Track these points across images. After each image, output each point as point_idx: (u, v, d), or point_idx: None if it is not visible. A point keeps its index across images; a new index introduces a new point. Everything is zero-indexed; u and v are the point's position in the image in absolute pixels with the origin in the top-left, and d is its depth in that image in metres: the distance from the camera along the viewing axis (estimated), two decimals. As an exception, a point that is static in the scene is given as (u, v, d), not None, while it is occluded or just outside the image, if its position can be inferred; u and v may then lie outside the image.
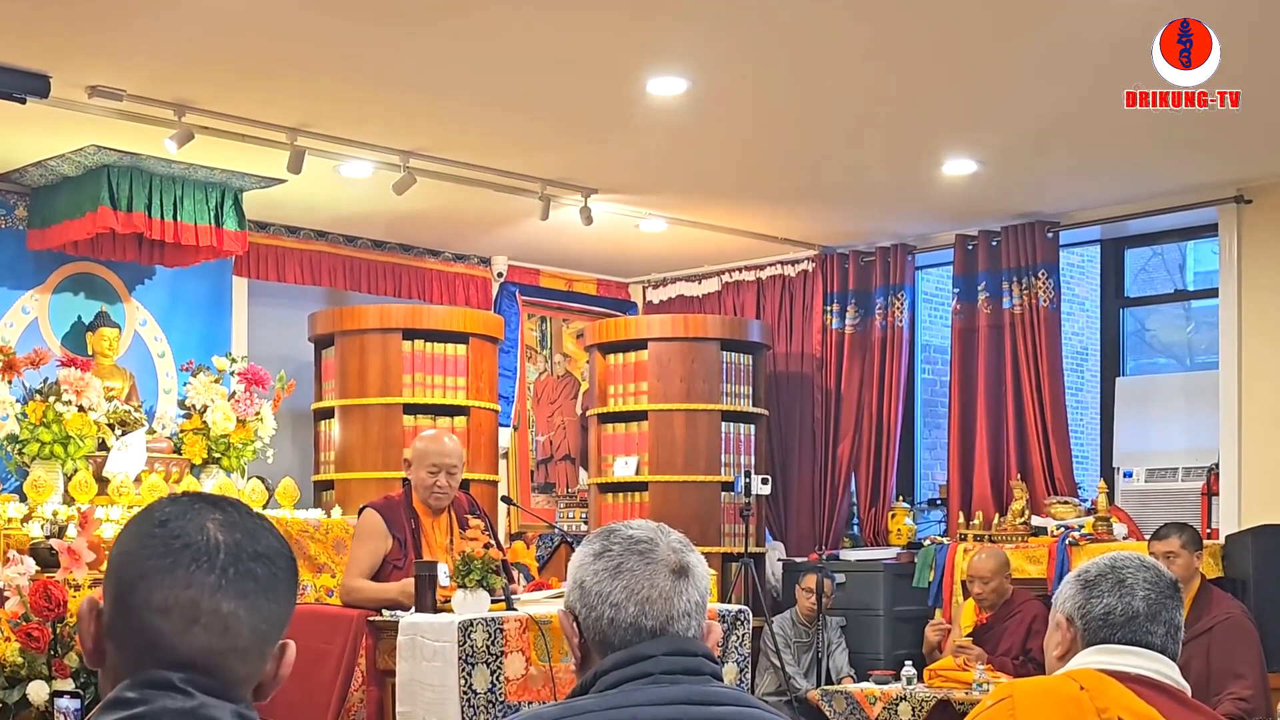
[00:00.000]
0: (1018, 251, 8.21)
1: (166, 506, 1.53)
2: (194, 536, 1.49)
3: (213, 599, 1.47)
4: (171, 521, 1.50)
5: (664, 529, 2.00)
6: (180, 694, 1.43)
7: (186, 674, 1.45)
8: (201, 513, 1.52)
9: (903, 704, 6.48)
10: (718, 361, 8.58)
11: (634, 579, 1.92)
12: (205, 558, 1.48)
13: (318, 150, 6.70)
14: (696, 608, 1.95)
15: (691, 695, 1.86)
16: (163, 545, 1.48)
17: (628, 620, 1.91)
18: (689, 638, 1.93)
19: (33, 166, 7.00)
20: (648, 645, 1.89)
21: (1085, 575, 2.50)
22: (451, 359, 8.23)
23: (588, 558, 1.97)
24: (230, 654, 1.48)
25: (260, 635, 1.51)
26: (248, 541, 1.51)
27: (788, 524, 9.14)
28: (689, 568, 1.96)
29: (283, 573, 1.55)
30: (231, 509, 1.55)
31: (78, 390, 7.02)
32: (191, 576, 1.47)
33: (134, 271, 7.84)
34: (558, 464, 9.71)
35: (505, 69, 5.77)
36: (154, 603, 1.46)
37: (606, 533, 1.99)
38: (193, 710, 1.43)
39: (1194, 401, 7.86)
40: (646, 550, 1.94)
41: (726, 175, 7.44)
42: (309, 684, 5.50)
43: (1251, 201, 7.47)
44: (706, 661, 1.92)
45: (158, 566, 1.47)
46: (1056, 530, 7.59)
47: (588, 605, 1.94)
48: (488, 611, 5.06)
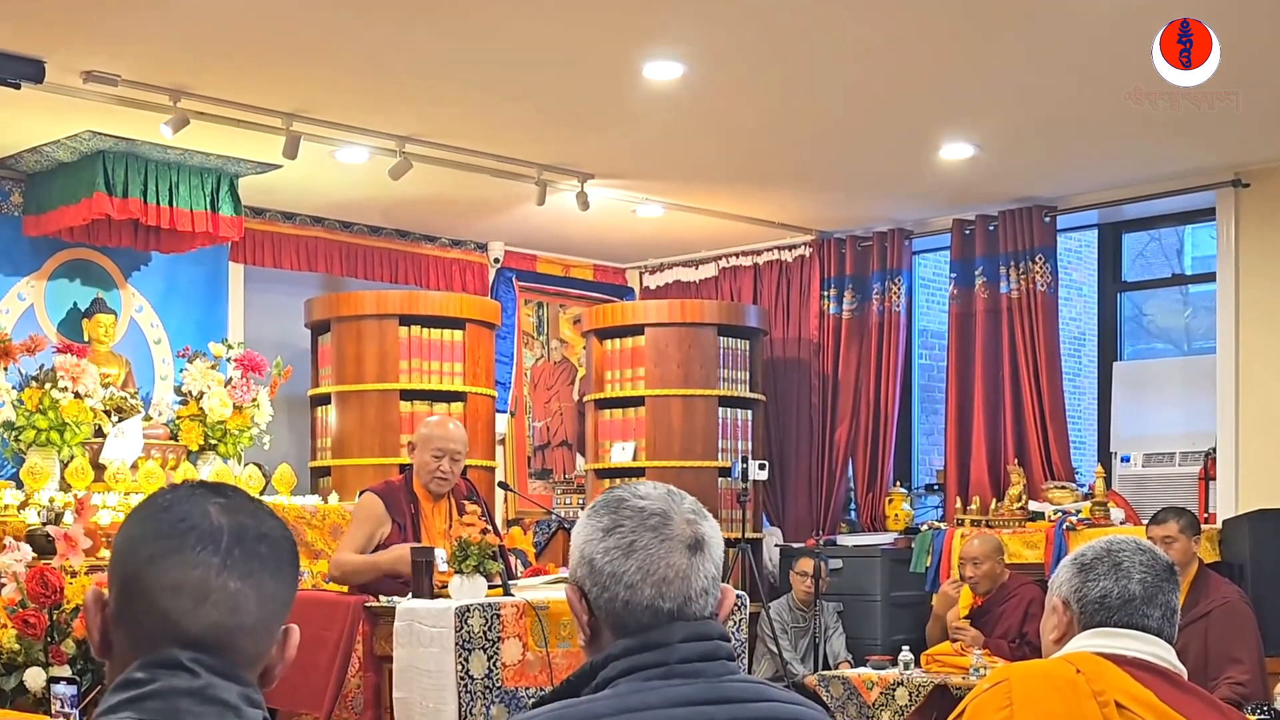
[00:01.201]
0: (1015, 236, 8.20)
1: (169, 493, 1.56)
2: (198, 520, 1.52)
3: (220, 578, 1.49)
4: (175, 506, 1.53)
5: (675, 494, 1.88)
6: (188, 673, 1.45)
7: (195, 653, 1.47)
8: (204, 498, 1.55)
9: (900, 689, 6.49)
10: (715, 347, 8.57)
11: (649, 558, 1.80)
12: (210, 539, 1.50)
13: (313, 135, 6.69)
14: (713, 582, 1.85)
15: (707, 694, 1.78)
16: (169, 528, 1.51)
17: (644, 602, 1.80)
18: (705, 618, 1.84)
19: (28, 152, 6.98)
20: (663, 631, 1.80)
21: (1081, 559, 2.49)
22: (448, 345, 8.23)
23: (596, 532, 1.84)
24: (239, 631, 1.50)
25: (267, 614, 1.53)
26: (251, 523, 1.54)
27: (785, 509, 9.14)
28: (704, 540, 1.84)
29: (285, 554, 1.57)
30: (232, 494, 1.58)
31: (74, 377, 7.01)
32: (199, 557, 1.49)
33: (130, 258, 7.82)
34: (555, 450, 9.71)
35: (501, 54, 5.76)
36: (165, 583, 1.48)
37: (615, 503, 1.86)
38: (200, 690, 1.45)
39: (1191, 386, 7.85)
40: (660, 524, 1.82)
41: (723, 160, 7.42)
42: (306, 669, 5.50)
43: (1249, 185, 7.46)
44: (722, 644, 1.84)
45: (166, 549, 1.49)
46: (1053, 515, 7.59)
47: (599, 585, 1.82)
48: (485, 597, 5.06)
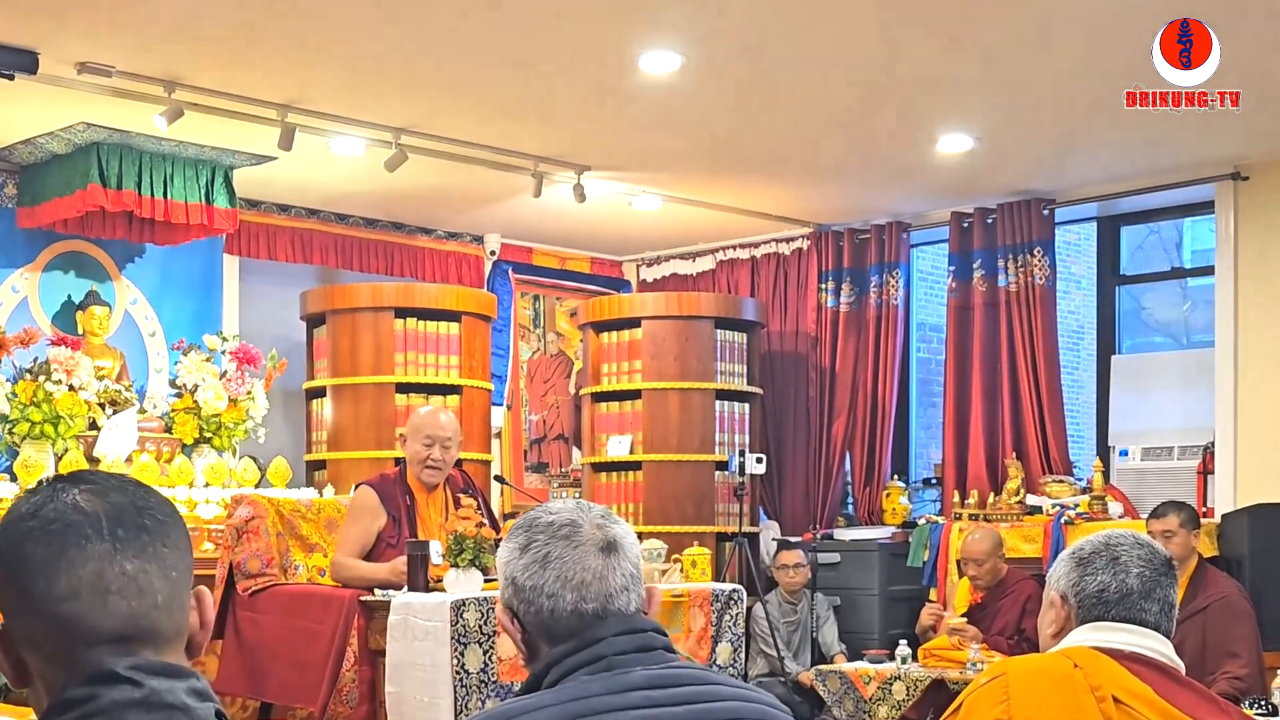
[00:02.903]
0: (1013, 229, 8.18)
1: (28, 500, 1.48)
2: (70, 515, 1.44)
3: (115, 565, 1.42)
4: (40, 511, 1.45)
5: (584, 505, 1.98)
6: (129, 684, 1.39)
7: (121, 653, 1.41)
8: (65, 491, 1.47)
9: (897, 683, 6.46)
10: (712, 340, 8.55)
11: (564, 565, 1.90)
12: (91, 529, 1.43)
13: (309, 127, 6.66)
14: (632, 579, 1.93)
15: (652, 680, 1.84)
16: (43, 536, 1.43)
17: (568, 608, 1.89)
18: (632, 613, 1.91)
19: (21, 144, 6.95)
20: (595, 628, 1.88)
21: (1079, 553, 2.48)
22: (444, 338, 8.20)
23: (514, 553, 1.95)
24: (153, 612, 1.44)
25: (172, 584, 1.46)
26: (124, 500, 1.47)
27: (782, 503, 9.12)
28: (616, 541, 1.93)
29: (169, 517, 1.50)
30: (93, 477, 1.50)
31: (68, 369, 6.98)
32: (85, 552, 1.42)
33: (124, 250, 7.79)
34: (551, 443, 9.69)
35: (498, 45, 5.73)
36: (59, 592, 1.41)
37: (527, 524, 1.96)
38: (145, 699, 1.39)
39: (1190, 380, 7.83)
40: (570, 533, 1.92)
41: (720, 152, 7.39)
42: (301, 663, 5.48)
43: (1249, 178, 7.43)
44: (656, 635, 1.91)
45: (46, 556, 1.42)
46: (1052, 509, 7.57)
47: (525, 601, 1.92)
48: (480, 591, 5.04)
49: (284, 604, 5.69)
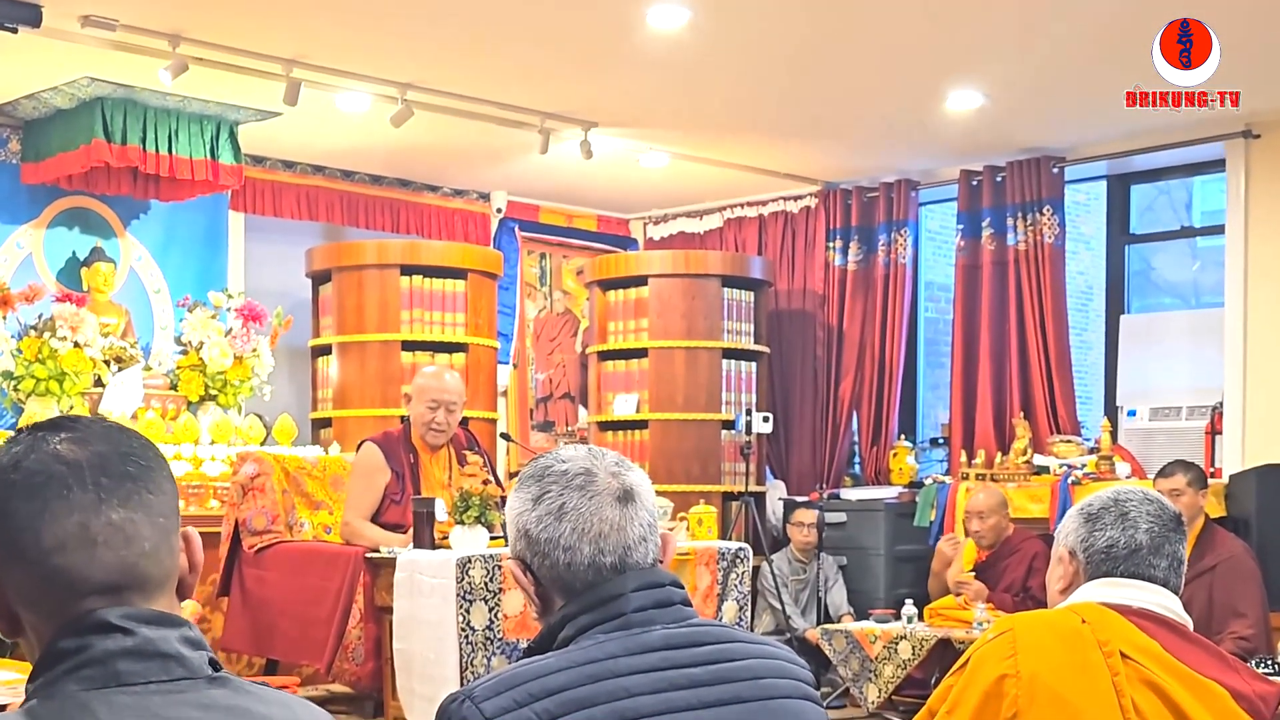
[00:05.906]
0: (1023, 187, 8.13)
1: (7, 452, 1.45)
2: (52, 465, 1.41)
3: (101, 514, 1.40)
4: (22, 462, 1.43)
5: (597, 452, 1.90)
6: (121, 632, 1.38)
7: (113, 602, 1.39)
8: (46, 441, 1.44)
9: (903, 643, 6.47)
10: (719, 298, 8.52)
11: (580, 516, 1.84)
12: (74, 479, 1.41)
13: (314, 82, 6.62)
14: (650, 529, 1.88)
15: (670, 639, 1.80)
16: (26, 488, 1.41)
17: (585, 560, 1.83)
18: (650, 566, 1.87)
19: (25, 99, 6.92)
20: (614, 584, 1.83)
21: (1088, 509, 2.47)
22: (450, 295, 8.17)
23: (526, 503, 1.87)
24: (141, 559, 1.42)
25: (160, 529, 1.44)
26: (107, 448, 1.44)
27: (788, 462, 9.11)
28: (632, 490, 1.87)
29: (153, 461, 1.47)
30: (74, 424, 1.47)
31: (73, 326, 6.97)
32: (69, 503, 1.40)
33: (129, 206, 7.76)
34: (557, 401, 9.67)
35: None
36: (46, 545, 1.39)
37: (540, 472, 1.89)
38: (138, 648, 1.38)
39: (1199, 340, 7.80)
40: (585, 483, 1.85)
41: (729, 109, 7.34)
42: (307, 620, 5.49)
43: (1260, 136, 7.38)
44: (674, 590, 1.87)
45: (32, 510, 1.40)
46: (1059, 469, 7.55)
47: (539, 554, 1.85)
48: (486, 548, 5.04)
49: (290, 561, 5.69)
